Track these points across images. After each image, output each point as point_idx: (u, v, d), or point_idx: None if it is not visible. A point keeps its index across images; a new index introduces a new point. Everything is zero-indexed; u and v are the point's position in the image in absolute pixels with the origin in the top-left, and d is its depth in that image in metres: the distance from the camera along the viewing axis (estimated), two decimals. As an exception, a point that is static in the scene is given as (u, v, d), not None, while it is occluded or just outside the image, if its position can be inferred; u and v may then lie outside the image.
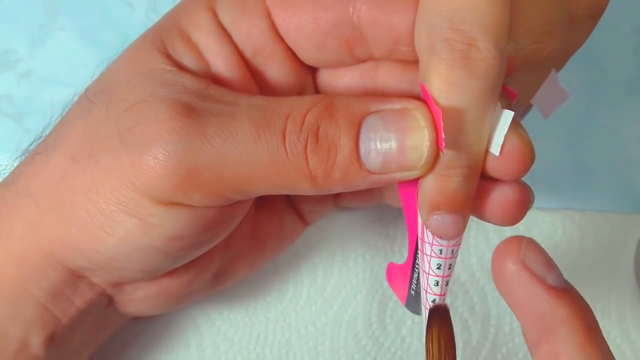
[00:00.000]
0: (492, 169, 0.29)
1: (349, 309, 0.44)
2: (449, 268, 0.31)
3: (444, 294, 0.31)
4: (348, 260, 0.45)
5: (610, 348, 0.46)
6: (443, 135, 0.27)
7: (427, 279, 0.31)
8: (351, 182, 0.30)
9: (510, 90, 0.30)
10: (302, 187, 0.31)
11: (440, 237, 0.29)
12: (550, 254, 0.45)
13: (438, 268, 0.30)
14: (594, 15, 0.32)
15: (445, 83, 0.27)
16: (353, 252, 0.45)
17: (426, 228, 0.29)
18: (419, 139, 0.29)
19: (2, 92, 0.46)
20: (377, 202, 0.42)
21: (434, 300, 0.31)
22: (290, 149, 0.30)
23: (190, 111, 0.31)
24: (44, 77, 0.46)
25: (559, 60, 0.34)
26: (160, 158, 0.30)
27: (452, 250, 0.30)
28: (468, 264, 0.45)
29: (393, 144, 0.29)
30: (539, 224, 0.46)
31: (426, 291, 0.31)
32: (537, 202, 0.47)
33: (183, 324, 0.44)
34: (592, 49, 0.47)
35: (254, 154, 0.30)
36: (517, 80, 0.30)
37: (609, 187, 0.48)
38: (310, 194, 0.31)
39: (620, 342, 0.46)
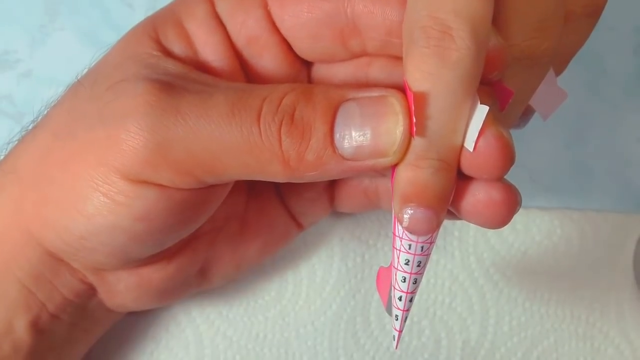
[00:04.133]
0: (467, 165, 0.28)
1: (348, 308, 0.44)
2: (418, 265, 0.30)
3: (412, 293, 0.31)
4: (347, 259, 0.45)
5: (609, 347, 0.46)
6: (414, 120, 0.27)
7: (396, 275, 0.30)
8: (324, 168, 0.30)
9: (506, 88, 0.29)
10: (275, 170, 0.30)
11: (411, 232, 0.28)
12: (548, 254, 0.46)
13: (406, 264, 0.30)
14: (592, 13, 0.32)
15: (418, 71, 0.27)
16: (352, 251, 0.45)
17: (398, 222, 0.29)
18: (392, 124, 0.28)
19: (2, 92, 0.46)
20: (373, 207, 0.41)
21: (400, 297, 0.31)
22: (264, 128, 0.30)
23: (168, 87, 0.31)
24: (44, 77, 0.46)
25: (560, 63, 0.34)
26: (132, 131, 0.30)
27: (422, 247, 0.29)
28: (467, 263, 0.45)
29: (367, 129, 0.29)
30: (537, 224, 0.46)
31: (394, 287, 0.31)
32: (536, 201, 0.48)
33: (182, 323, 0.44)
34: (592, 49, 0.47)
35: (227, 132, 0.30)
36: (513, 79, 0.30)
37: (608, 187, 0.48)
38: (284, 181, 0.31)
39: (619, 341, 0.46)
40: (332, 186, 0.41)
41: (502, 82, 0.29)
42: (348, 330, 0.44)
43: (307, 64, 0.36)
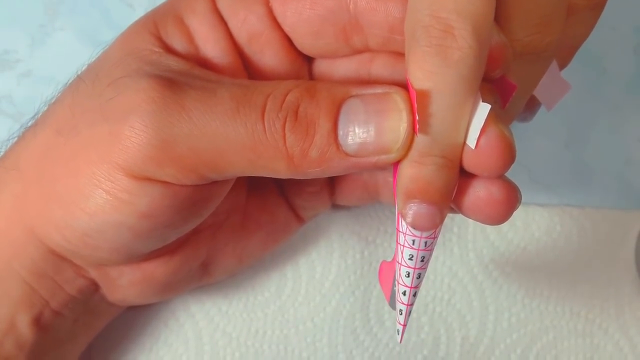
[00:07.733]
0: (469, 162, 0.28)
1: (347, 305, 0.44)
2: (422, 260, 0.30)
3: (416, 287, 0.31)
4: (346, 256, 0.45)
5: (609, 344, 0.46)
6: (417, 117, 0.27)
7: (400, 270, 0.31)
8: (328, 164, 0.30)
9: (509, 82, 0.29)
10: (278, 167, 0.30)
11: (415, 228, 0.29)
12: (548, 250, 0.46)
13: (410, 259, 0.30)
14: (595, 6, 0.32)
15: (420, 70, 0.27)
16: (351, 248, 0.45)
17: (401, 217, 0.29)
18: (396, 121, 0.29)
19: (2, 92, 0.46)
20: (373, 200, 0.42)
21: (405, 292, 0.31)
22: (268, 125, 0.30)
23: (171, 83, 0.31)
24: (44, 77, 0.46)
25: (564, 56, 0.34)
26: (137, 127, 0.30)
27: (426, 243, 0.30)
28: (466, 260, 0.45)
29: (371, 126, 0.29)
30: (537, 220, 0.46)
31: (398, 282, 0.31)
32: (536, 200, 0.48)
33: (181, 319, 0.44)
34: (592, 49, 0.47)
35: (232, 128, 0.30)
36: (517, 73, 0.30)
37: (608, 187, 0.48)
38: (287, 177, 0.31)
39: (619, 337, 0.46)
40: (332, 180, 0.41)
41: (506, 76, 0.29)
42: (347, 326, 0.44)
43: (309, 59, 0.36)
